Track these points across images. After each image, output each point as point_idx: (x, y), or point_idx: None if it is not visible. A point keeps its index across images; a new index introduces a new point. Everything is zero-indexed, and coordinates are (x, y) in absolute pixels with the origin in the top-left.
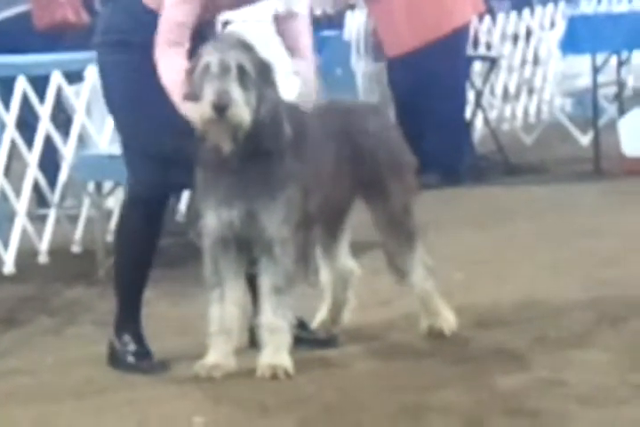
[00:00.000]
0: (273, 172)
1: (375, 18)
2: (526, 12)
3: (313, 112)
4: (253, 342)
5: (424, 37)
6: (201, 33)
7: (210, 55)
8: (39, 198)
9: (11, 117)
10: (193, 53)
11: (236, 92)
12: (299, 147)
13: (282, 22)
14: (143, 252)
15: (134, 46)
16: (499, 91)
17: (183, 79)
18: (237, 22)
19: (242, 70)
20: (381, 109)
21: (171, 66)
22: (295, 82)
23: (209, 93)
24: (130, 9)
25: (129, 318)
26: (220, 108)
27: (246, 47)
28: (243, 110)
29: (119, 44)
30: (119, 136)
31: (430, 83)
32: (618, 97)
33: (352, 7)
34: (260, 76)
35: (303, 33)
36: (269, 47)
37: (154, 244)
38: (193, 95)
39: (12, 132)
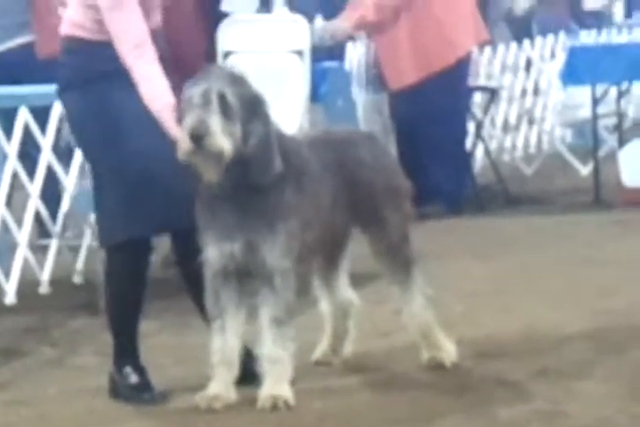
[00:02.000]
0: (272, 204)
1: (378, 50)
2: (526, 42)
3: (308, 142)
4: (245, 375)
5: (428, 70)
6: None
7: (193, 87)
8: (41, 229)
9: (12, 148)
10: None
11: (215, 122)
12: (296, 178)
13: None
14: (131, 291)
15: (94, 79)
16: (499, 121)
17: (165, 95)
18: (240, 53)
19: (223, 101)
20: (375, 137)
21: (147, 79)
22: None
23: (187, 123)
24: (74, 50)
25: (126, 351)
26: (197, 137)
27: (233, 79)
28: (221, 140)
29: (81, 82)
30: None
31: (432, 114)
32: (618, 128)
33: (353, 39)
34: (246, 108)
35: None
36: (272, 79)
37: (143, 282)
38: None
39: (13, 162)
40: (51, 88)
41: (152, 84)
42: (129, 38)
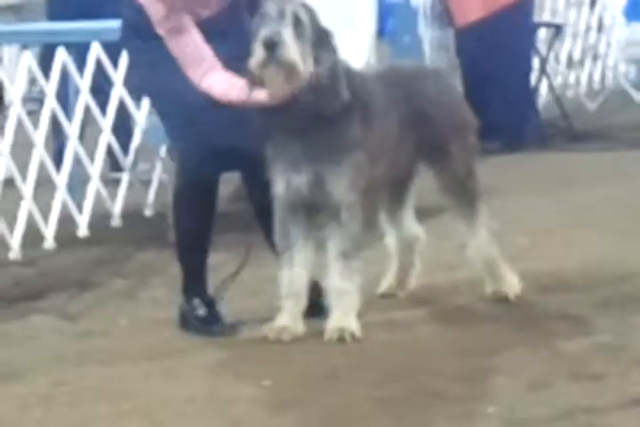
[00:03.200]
0: (339, 137)
1: None
2: None
3: (374, 77)
4: (313, 307)
5: (493, 6)
6: (225, 32)
7: (268, 5)
8: (112, 163)
9: (85, 83)
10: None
11: (288, 34)
12: (363, 112)
13: None
14: (201, 223)
15: (149, 35)
16: (563, 57)
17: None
18: None
19: (297, 19)
20: (442, 73)
21: (180, 45)
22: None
23: (262, 34)
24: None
25: (195, 283)
26: (272, 45)
27: (306, 7)
28: (294, 51)
29: (136, 35)
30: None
31: (497, 50)
32: None
33: None
34: (315, 37)
35: None
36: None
37: (211, 215)
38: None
39: (85, 97)
40: None
41: (189, 51)
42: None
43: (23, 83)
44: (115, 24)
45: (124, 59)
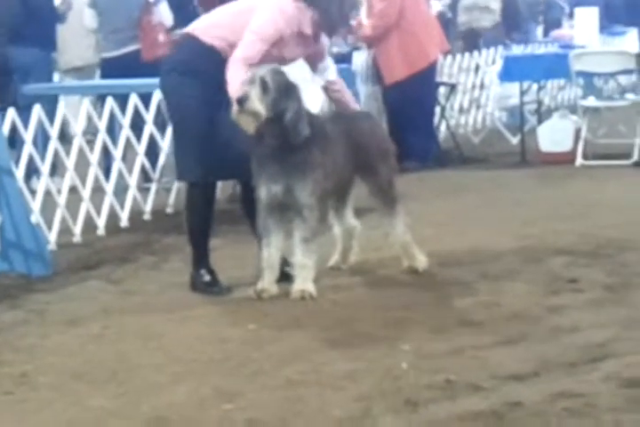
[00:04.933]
0: (303, 159)
1: (375, 56)
2: (475, 53)
3: (327, 119)
4: (283, 275)
5: (411, 70)
6: None
7: (248, 75)
8: (145, 176)
9: (126, 121)
10: None
11: (253, 93)
12: (319, 142)
13: (331, 90)
14: (203, 218)
15: (195, 73)
16: (456, 106)
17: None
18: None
19: (263, 82)
20: (372, 115)
21: (237, 77)
22: (320, 100)
23: (237, 94)
24: (190, 47)
25: (201, 258)
26: (241, 101)
27: (274, 71)
28: (255, 104)
29: (184, 72)
30: (176, 141)
31: (412, 101)
32: (537, 111)
33: (357, 48)
34: (284, 90)
35: (345, 91)
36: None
37: (210, 212)
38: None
39: (127, 131)
40: (152, 80)
41: (238, 80)
42: (250, 53)
43: (83, 121)
44: (145, 81)
45: (153, 104)
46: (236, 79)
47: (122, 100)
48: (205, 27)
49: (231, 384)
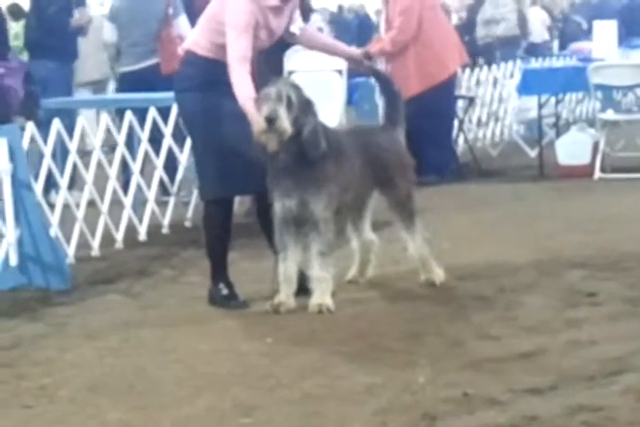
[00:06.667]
0: (318, 174)
1: (392, 70)
2: (494, 66)
3: (344, 133)
4: (300, 289)
5: (428, 84)
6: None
7: (270, 88)
8: (163, 190)
9: (144, 135)
10: (255, 77)
11: (283, 111)
12: (335, 157)
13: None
14: (222, 233)
15: (202, 86)
16: (475, 119)
17: (251, 93)
18: (299, 72)
19: (289, 99)
20: (390, 129)
21: (241, 80)
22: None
23: (264, 110)
24: (191, 62)
25: (220, 272)
26: (271, 120)
27: (295, 87)
28: (286, 123)
29: (192, 87)
30: (195, 157)
31: (430, 114)
32: (555, 125)
33: (375, 62)
34: (303, 107)
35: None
36: (321, 89)
37: (228, 227)
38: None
39: (145, 145)
40: (171, 94)
41: (243, 82)
42: (240, 52)
43: (102, 134)
44: (164, 95)
45: (171, 118)
46: (241, 82)
47: (140, 114)
48: (195, 39)
49: (250, 398)
